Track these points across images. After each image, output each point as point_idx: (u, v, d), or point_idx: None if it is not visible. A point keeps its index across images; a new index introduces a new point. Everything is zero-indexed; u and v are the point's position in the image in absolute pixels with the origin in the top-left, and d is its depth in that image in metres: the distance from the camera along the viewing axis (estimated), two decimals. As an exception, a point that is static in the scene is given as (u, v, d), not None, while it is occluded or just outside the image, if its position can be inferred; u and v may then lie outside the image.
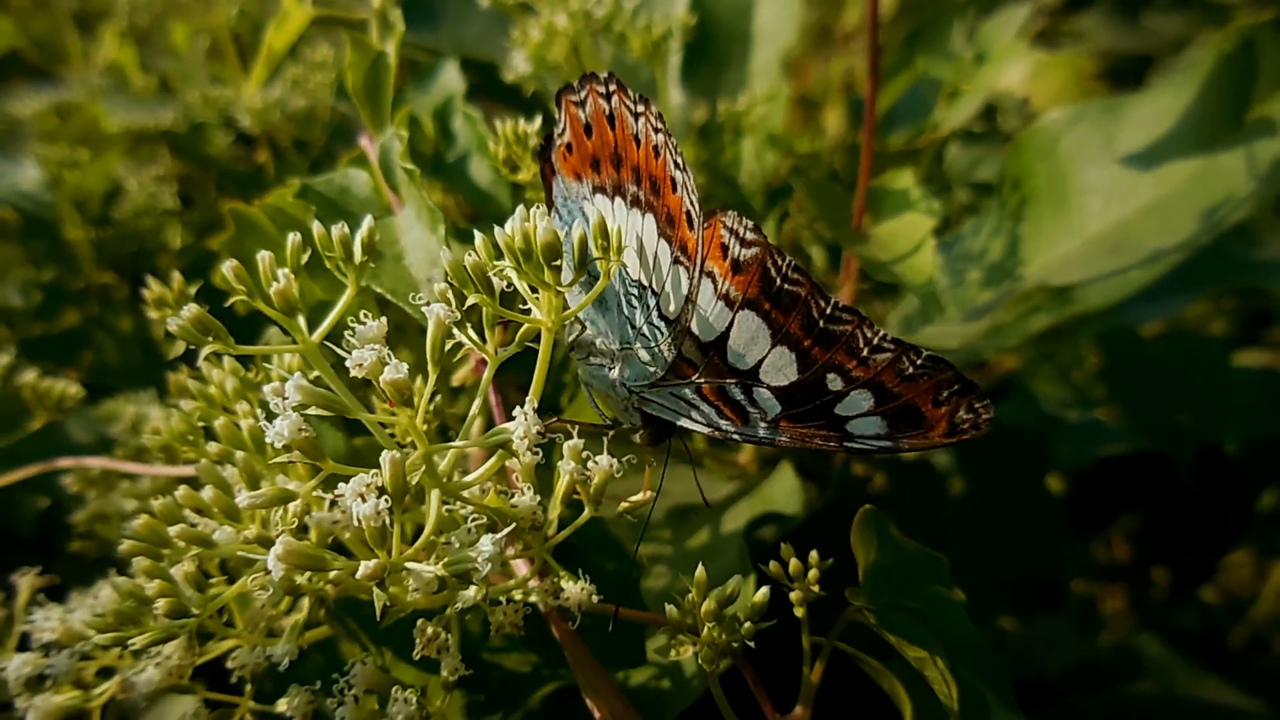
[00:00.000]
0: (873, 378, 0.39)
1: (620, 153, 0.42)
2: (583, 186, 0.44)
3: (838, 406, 0.40)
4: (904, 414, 0.39)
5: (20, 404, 0.67)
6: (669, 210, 0.41)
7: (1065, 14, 2.02)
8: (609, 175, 0.43)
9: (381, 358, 0.33)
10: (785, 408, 0.41)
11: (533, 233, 0.35)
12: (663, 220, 0.41)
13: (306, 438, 0.32)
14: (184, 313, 0.34)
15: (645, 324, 0.43)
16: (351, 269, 0.37)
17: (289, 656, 0.37)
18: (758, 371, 0.41)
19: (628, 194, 0.42)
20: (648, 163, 0.41)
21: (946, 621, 0.41)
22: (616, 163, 0.42)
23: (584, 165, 0.43)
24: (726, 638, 0.38)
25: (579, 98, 0.42)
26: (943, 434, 0.39)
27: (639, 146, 0.41)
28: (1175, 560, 1.12)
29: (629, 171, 0.42)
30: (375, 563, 0.32)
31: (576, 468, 0.38)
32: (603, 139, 0.42)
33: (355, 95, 0.51)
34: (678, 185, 0.40)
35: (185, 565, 0.36)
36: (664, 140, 0.40)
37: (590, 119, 0.42)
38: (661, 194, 0.41)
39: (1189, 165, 0.64)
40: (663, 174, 0.41)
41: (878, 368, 0.39)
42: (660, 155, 0.40)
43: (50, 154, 0.92)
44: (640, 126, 0.41)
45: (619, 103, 0.41)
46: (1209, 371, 1.10)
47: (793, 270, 0.39)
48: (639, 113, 0.41)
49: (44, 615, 0.40)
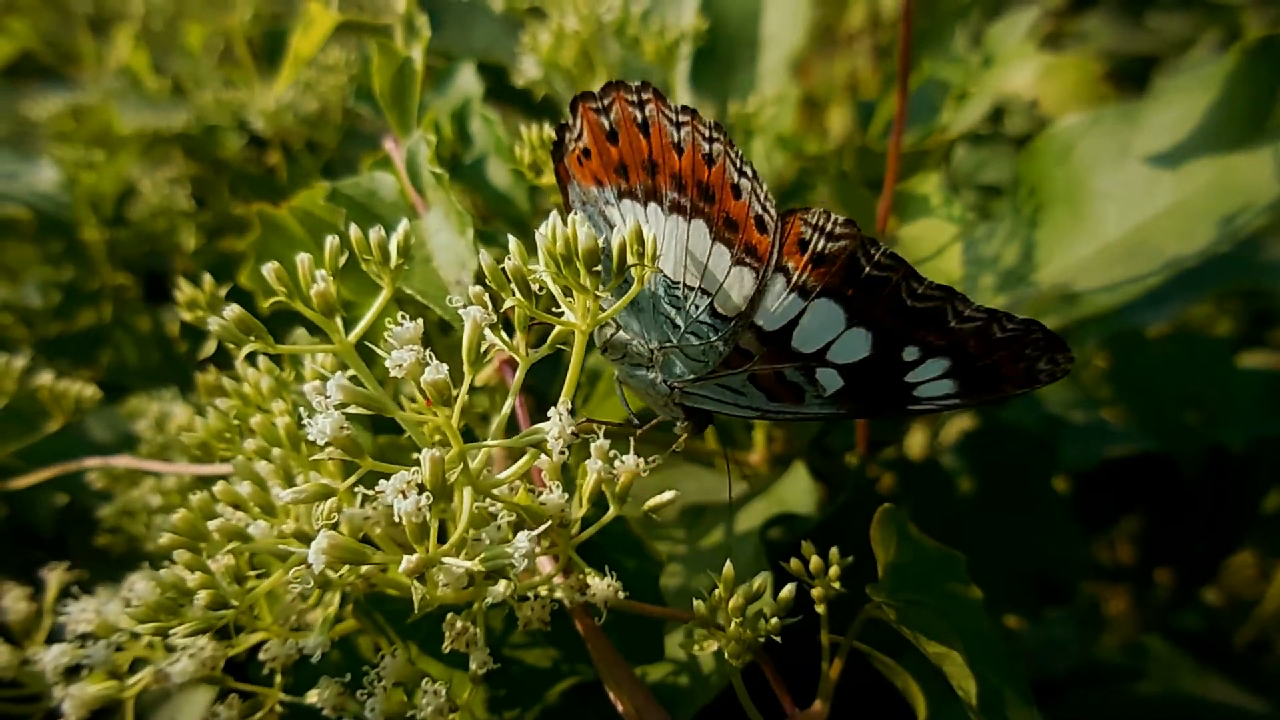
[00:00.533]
0: (954, 343, 0.40)
1: (656, 160, 0.42)
2: (605, 191, 0.45)
3: (909, 375, 0.41)
4: (983, 374, 0.40)
5: (38, 405, 0.68)
6: (728, 215, 0.42)
7: (1069, 15, 2.03)
8: (640, 181, 0.43)
9: (421, 359, 0.34)
10: (848, 383, 0.42)
11: (573, 238, 0.35)
12: (719, 225, 0.42)
13: (348, 435, 0.33)
14: (226, 313, 0.35)
15: (694, 323, 0.44)
16: (387, 272, 0.38)
17: (321, 648, 0.38)
18: (825, 353, 0.42)
19: (665, 200, 0.43)
20: (695, 170, 0.42)
21: (964, 618, 0.42)
22: (651, 170, 0.43)
23: (606, 171, 0.44)
24: (752, 633, 0.39)
25: (601, 104, 0.43)
26: (1017, 385, 0.40)
27: (681, 155, 0.42)
28: (1179, 561, 1.13)
29: (667, 179, 0.42)
30: (418, 556, 0.33)
31: (604, 467, 0.39)
32: (633, 146, 0.43)
33: (382, 99, 0.52)
34: (742, 192, 0.41)
35: (225, 559, 0.37)
36: (720, 150, 0.41)
37: (617, 125, 0.43)
38: (718, 200, 0.42)
39: (1207, 172, 0.64)
40: (719, 181, 0.41)
41: (962, 336, 0.39)
42: (716, 163, 0.41)
43: (66, 155, 0.93)
44: (683, 135, 0.42)
45: (655, 111, 0.42)
46: (1215, 372, 1.11)
47: (885, 257, 0.40)
48: (681, 122, 0.42)
49: (79, 607, 0.41)
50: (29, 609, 0.44)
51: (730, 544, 0.65)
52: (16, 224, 0.94)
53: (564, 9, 0.74)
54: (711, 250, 0.43)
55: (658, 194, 0.43)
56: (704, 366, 0.44)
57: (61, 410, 0.66)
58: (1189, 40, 1.86)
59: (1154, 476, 1.11)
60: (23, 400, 0.67)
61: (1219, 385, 1.09)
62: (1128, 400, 1.12)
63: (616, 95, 0.42)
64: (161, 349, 0.87)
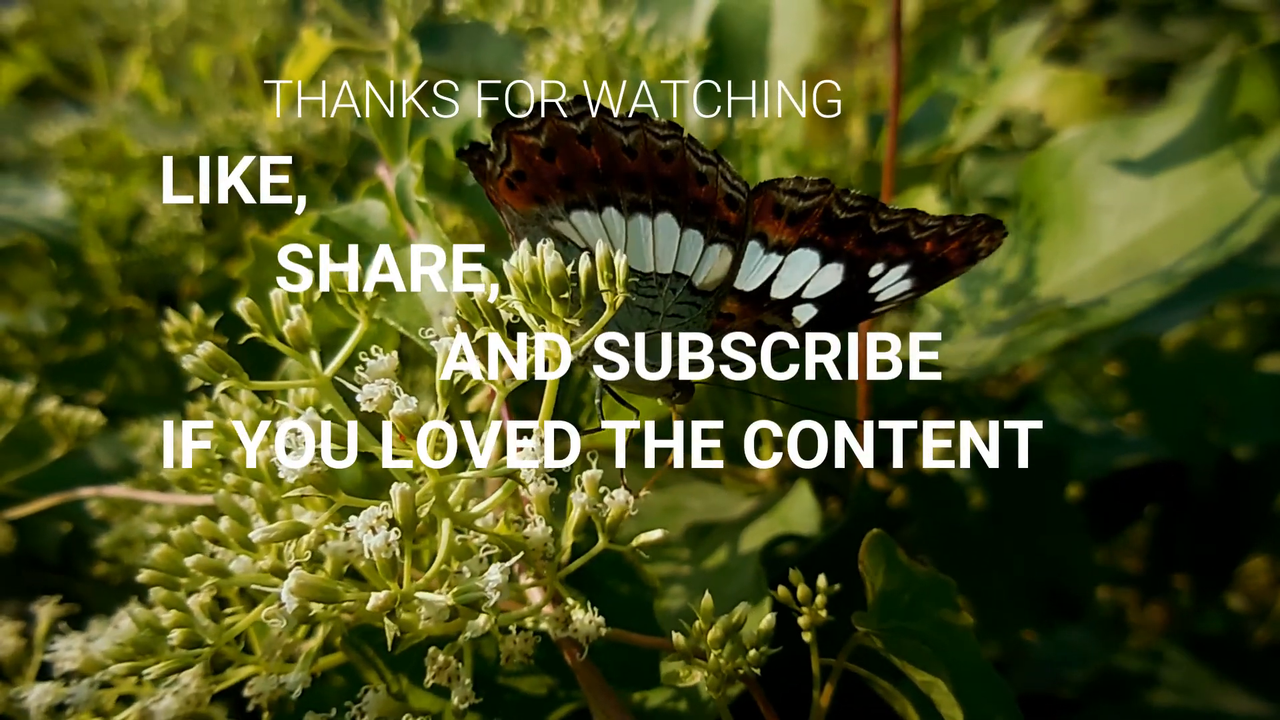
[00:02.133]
0: (912, 251, 0.43)
1: (605, 168, 0.43)
2: (550, 208, 0.45)
3: (873, 287, 0.44)
4: (936, 266, 0.43)
5: (42, 432, 0.68)
6: (696, 200, 0.44)
7: (1088, 22, 2.01)
8: (589, 190, 0.44)
9: (391, 392, 0.34)
10: (821, 310, 0.45)
11: (540, 267, 0.35)
12: (687, 212, 0.44)
13: (319, 473, 0.33)
14: (200, 351, 0.35)
15: (674, 305, 0.45)
16: (362, 304, 0.38)
17: (301, 685, 0.38)
18: (801, 292, 0.45)
19: (622, 202, 0.44)
20: (653, 168, 0.43)
21: (953, 644, 0.42)
22: (600, 177, 0.44)
23: (547, 188, 0.45)
24: (732, 665, 0.39)
25: (529, 127, 0.43)
26: (963, 265, 0.43)
27: (635, 157, 0.43)
28: (1194, 567, 1.12)
29: (621, 182, 0.44)
30: (385, 594, 0.33)
31: (589, 499, 0.39)
32: (575, 158, 0.43)
33: (373, 127, 0.52)
34: (707, 178, 0.43)
35: (202, 595, 0.37)
36: (676, 145, 0.43)
37: (553, 143, 0.43)
38: (682, 191, 0.43)
39: (1202, 184, 0.64)
40: (680, 173, 0.43)
41: (920, 244, 0.43)
42: (675, 158, 0.43)
43: (74, 180, 0.94)
44: (633, 139, 0.43)
45: (598, 123, 0.43)
46: (1230, 379, 1.09)
47: (855, 199, 0.43)
48: (630, 127, 0.43)
49: (65, 645, 0.41)
50: (18, 644, 0.44)
51: (732, 566, 0.64)
52: (24, 250, 0.95)
53: (568, 29, 0.74)
54: (683, 237, 0.44)
55: (613, 198, 0.44)
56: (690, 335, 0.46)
57: (65, 437, 0.66)
58: (1207, 46, 1.85)
59: (1165, 483, 1.09)
60: (26, 427, 0.67)
61: (1234, 392, 1.08)
62: (1143, 408, 1.11)
63: (548, 117, 0.43)
64: (168, 373, 0.87)
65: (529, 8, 0.74)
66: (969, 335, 0.75)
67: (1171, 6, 1.97)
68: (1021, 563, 0.91)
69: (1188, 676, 1.03)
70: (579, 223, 0.45)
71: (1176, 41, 1.94)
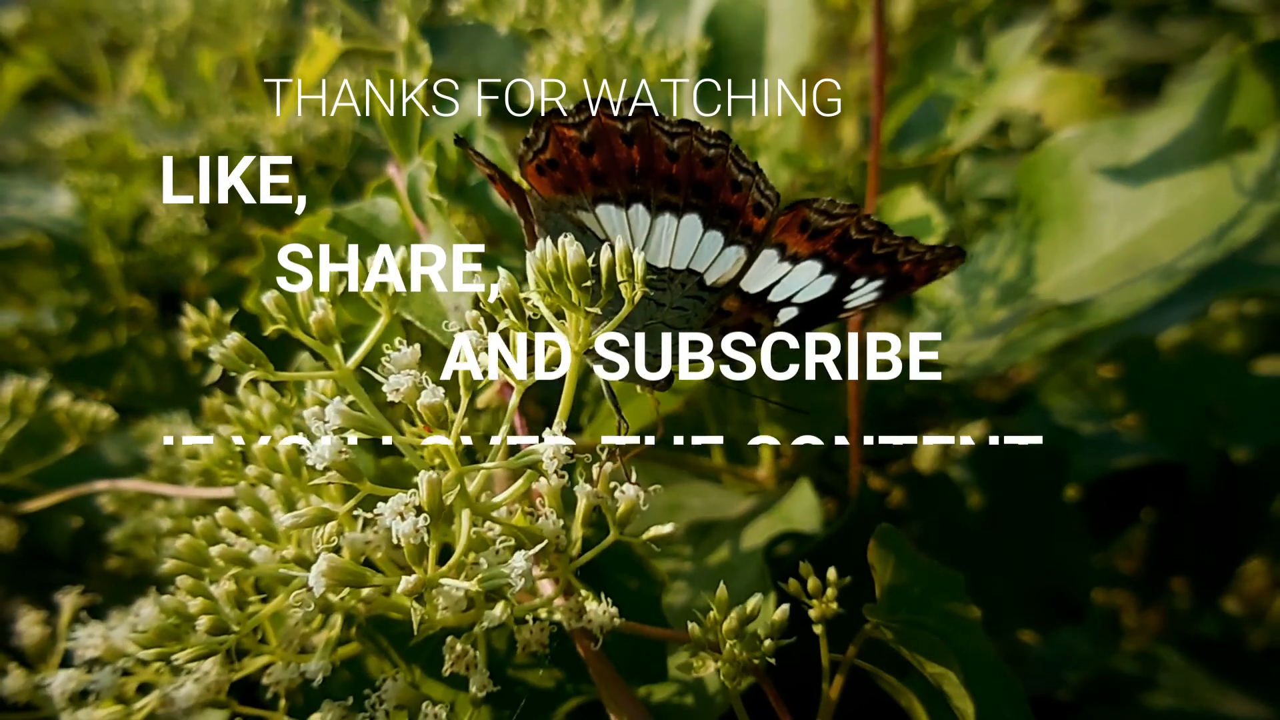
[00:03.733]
0: (893, 270, 0.46)
1: (643, 168, 0.45)
2: (576, 198, 0.47)
3: (847, 296, 0.47)
4: (901, 283, 0.47)
5: (54, 428, 0.69)
6: (726, 205, 0.46)
7: (1082, 23, 2.03)
8: (622, 186, 0.46)
9: (418, 383, 0.35)
10: (801, 312, 0.47)
11: (563, 256, 0.36)
12: (714, 215, 0.46)
13: (346, 459, 0.34)
14: (228, 341, 0.36)
15: (680, 299, 0.48)
16: (385, 299, 0.38)
17: (323, 672, 0.38)
18: (793, 297, 0.47)
19: (652, 200, 0.46)
20: (693, 173, 0.45)
21: (963, 637, 0.42)
22: (636, 176, 0.45)
23: (578, 180, 0.46)
24: (747, 655, 0.39)
25: (575, 120, 0.45)
26: (923, 282, 0.47)
27: (676, 160, 0.45)
28: (1192, 570, 1.12)
29: (657, 182, 0.46)
30: (416, 577, 0.34)
31: (593, 491, 0.40)
32: (615, 156, 0.45)
33: (383, 127, 0.53)
34: (742, 186, 0.46)
35: (226, 584, 0.38)
36: (720, 153, 0.45)
37: (594, 138, 0.45)
38: (715, 195, 0.46)
39: (1200, 183, 0.65)
40: (718, 179, 0.45)
41: (903, 265, 0.46)
42: (715, 165, 0.45)
43: (81, 181, 0.95)
44: (678, 144, 0.45)
45: (646, 125, 0.45)
46: (1229, 380, 1.10)
47: (870, 223, 0.45)
48: (678, 133, 0.45)
49: (87, 633, 0.42)
50: (43, 633, 0.45)
51: (735, 563, 0.65)
52: (34, 249, 0.96)
53: (569, 30, 0.74)
54: (704, 236, 0.47)
55: (643, 196, 0.46)
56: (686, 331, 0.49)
57: (78, 432, 0.67)
58: (1202, 47, 1.86)
59: (1163, 485, 1.10)
60: (39, 423, 0.68)
61: (1232, 394, 1.09)
62: (1141, 408, 1.11)
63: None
64: (175, 371, 0.88)
65: (530, 9, 0.75)
66: (966, 335, 0.76)
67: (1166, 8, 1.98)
68: (1020, 564, 0.92)
69: (1185, 679, 1.04)
70: (603, 215, 0.47)
71: (1171, 42, 1.95)
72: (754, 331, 0.49)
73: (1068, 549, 0.92)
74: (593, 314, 0.38)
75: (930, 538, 0.92)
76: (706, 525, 0.74)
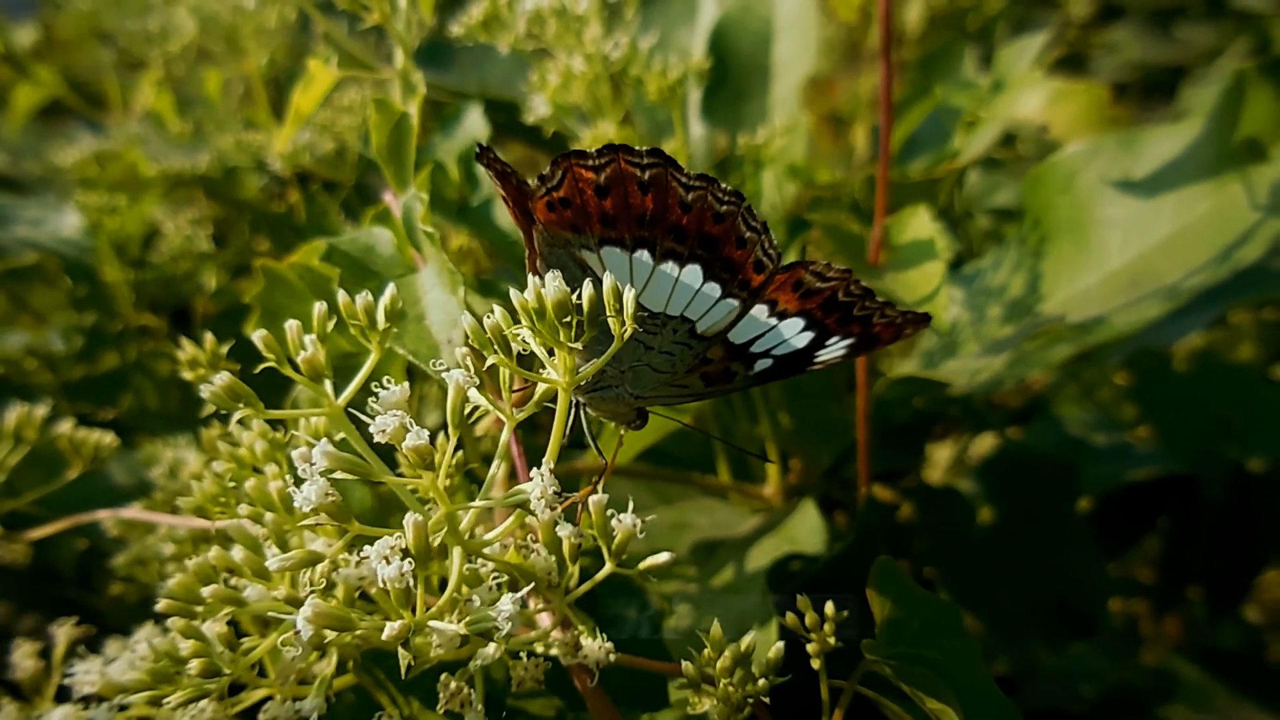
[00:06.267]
0: (866, 330, 0.47)
1: (654, 215, 0.46)
2: (583, 237, 0.47)
3: (819, 351, 0.48)
4: (870, 342, 0.48)
5: (59, 451, 0.69)
6: (728, 259, 0.47)
7: (1096, 26, 2.01)
8: (630, 232, 0.46)
9: (404, 424, 0.34)
10: (775, 363, 0.48)
11: (540, 293, 0.36)
12: (716, 268, 0.47)
13: (333, 502, 0.34)
14: (217, 380, 0.36)
15: (670, 344, 0.48)
16: (375, 335, 0.38)
17: (318, 710, 0.38)
18: (773, 350, 0.48)
19: (658, 248, 0.46)
20: (702, 226, 0.46)
21: (962, 671, 0.42)
22: (645, 222, 0.46)
23: (587, 221, 0.46)
24: (742, 693, 0.39)
25: (595, 163, 0.45)
26: (889, 342, 0.48)
27: (688, 212, 0.46)
28: (1208, 580, 1.11)
29: (665, 231, 0.46)
30: (400, 624, 0.33)
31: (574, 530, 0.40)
32: (626, 201, 0.45)
33: (379, 155, 0.52)
34: (748, 243, 0.46)
35: (218, 625, 0.38)
36: (732, 211, 0.46)
37: (611, 182, 0.45)
38: (720, 250, 0.46)
39: (1207, 200, 0.64)
40: (726, 234, 0.46)
41: (876, 327, 0.47)
42: (725, 221, 0.46)
43: (90, 201, 0.96)
44: (692, 197, 0.46)
45: (664, 175, 0.45)
46: (1242, 391, 1.09)
47: (858, 288, 0.46)
48: (694, 186, 0.46)
49: (84, 668, 0.42)
50: (37, 666, 0.45)
51: (739, 585, 0.65)
52: (43, 269, 0.96)
53: (571, 49, 0.74)
54: (702, 287, 0.47)
55: (649, 243, 0.46)
56: (670, 377, 0.49)
57: (81, 458, 0.67)
58: (1217, 50, 1.84)
59: (1177, 496, 1.09)
60: (44, 447, 0.68)
61: (1247, 404, 1.07)
62: (1154, 420, 1.10)
63: (616, 156, 0.44)
64: (181, 391, 0.88)
65: (531, 29, 0.75)
66: (974, 351, 0.75)
67: (1180, 10, 1.96)
68: (1032, 578, 0.90)
69: (1203, 691, 1.03)
70: (607, 256, 0.47)
71: (1186, 45, 1.93)
72: (728, 380, 0.50)
73: (1080, 563, 0.91)
74: (578, 350, 0.37)
75: (939, 552, 0.92)
76: (712, 544, 0.73)
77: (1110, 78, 1.86)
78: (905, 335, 0.48)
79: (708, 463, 0.85)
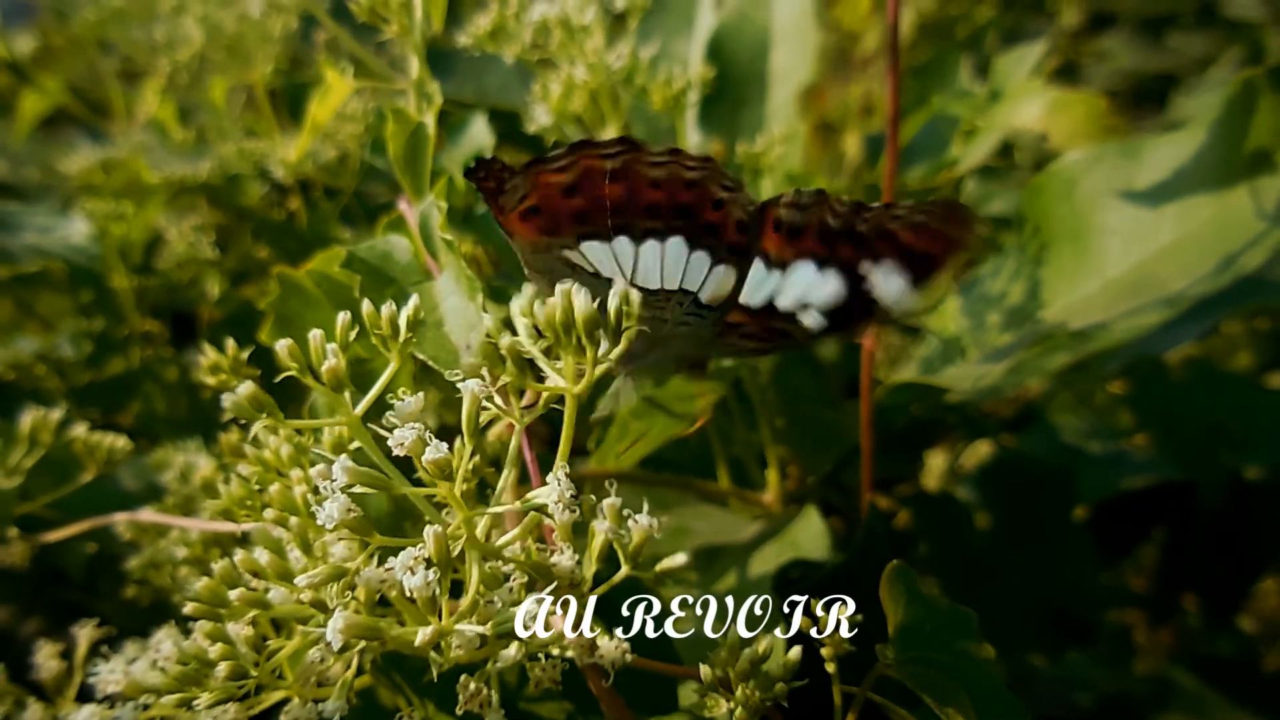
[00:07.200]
0: (894, 244, 0.44)
1: (626, 201, 0.45)
2: (559, 240, 0.47)
3: (865, 285, 0.45)
4: (921, 260, 0.44)
5: (70, 455, 0.70)
6: (708, 223, 0.46)
7: (1087, 35, 2.02)
8: (604, 223, 0.46)
9: (422, 437, 0.35)
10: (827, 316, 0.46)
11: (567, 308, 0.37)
12: (699, 234, 0.46)
13: (356, 517, 0.35)
14: (240, 390, 0.36)
15: (682, 315, 0.48)
16: (396, 345, 0.39)
17: (339, 712, 0.39)
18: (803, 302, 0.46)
19: (637, 230, 0.46)
20: (674, 196, 0.45)
21: (976, 675, 0.42)
22: (618, 211, 0.46)
23: (560, 223, 0.47)
24: (760, 696, 0.40)
25: (559, 165, 0.45)
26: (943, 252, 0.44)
27: (659, 188, 0.45)
28: (1204, 589, 1.12)
29: (638, 212, 0.46)
30: (432, 629, 0.34)
31: (612, 527, 0.40)
32: (595, 194, 0.45)
33: (396, 164, 0.53)
34: (724, 203, 0.45)
35: (244, 629, 0.38)
36: (703, 175, 0.45)
37: (577, 181, 0.45)
38: (697, 215, 0.46)
39: (1208, 208, 0.64)
40: (700, 200, 0.45)
41: (898, 236, 0.44)
42: (696, 187, 0.45)
43: (97, 208, 0.96)
44: (663, 174, 0.45)
45: (633, 160, 0.45)
46: (1239, 398, 1.10)
47: (843, 205, 0.44)
48: (662, 162, 0.45)
49: (108, 668, 0.42)
50: (60, 666, 0.46)
51: (743, 591, 0.65)
52: (50, 275, 0.97)
53: (574, 59, 0.75)
54: (690, 257, 0.46)
55: (626, 228, 0.46)
56: (698, 343, 0.49)
57: (94, 462, 0.68)
58: (1209, 59, 1.85)
59: (1174, 504, 1.09)
60: (57, 451, 0.69)
61: (1243, 411, 1.08)
62: (1151, 428, 1.11)
63: (579, 155, 0.45)
64: (189, 396, 0.89)
65: (536, 39, 0.76)
66: (973, 359, 0.76)
67: (1172, 19, 1.98)
68: (1028, 585, 0.91)
69: (1198, 699, 1.03)
70: (588, 250, 0.47)
71: (1177, 54, 1.94)
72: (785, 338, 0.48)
73: (1076, 570, 0.92)
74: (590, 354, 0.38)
75: (937, 559, 0.92)
76: (713, 550, 0.74)
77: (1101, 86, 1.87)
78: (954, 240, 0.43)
79: (706, 468, 0.85)
